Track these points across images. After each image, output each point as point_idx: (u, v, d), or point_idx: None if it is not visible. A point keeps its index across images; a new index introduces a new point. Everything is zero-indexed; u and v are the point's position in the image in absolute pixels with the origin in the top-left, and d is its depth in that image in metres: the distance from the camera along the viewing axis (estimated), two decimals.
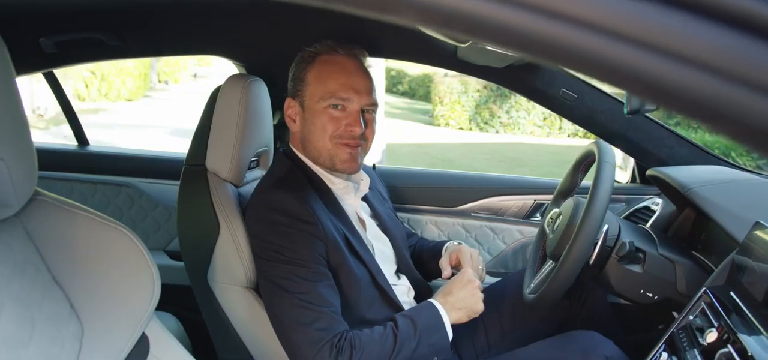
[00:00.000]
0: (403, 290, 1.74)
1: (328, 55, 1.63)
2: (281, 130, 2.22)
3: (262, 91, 1.79)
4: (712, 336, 1.27)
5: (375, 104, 1.65)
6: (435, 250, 1.90)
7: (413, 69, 20.49)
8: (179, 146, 2.48)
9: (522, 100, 13.68)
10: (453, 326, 1.56)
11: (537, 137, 13.71)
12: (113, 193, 2.59)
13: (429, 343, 1.51)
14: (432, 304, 1.56)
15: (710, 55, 0.41)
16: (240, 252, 1.63)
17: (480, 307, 1.58)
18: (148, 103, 15.71)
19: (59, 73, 2.57)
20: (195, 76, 22.95)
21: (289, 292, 1.46)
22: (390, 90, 19.99)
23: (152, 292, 1.14)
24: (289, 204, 1.52)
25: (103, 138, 9.45)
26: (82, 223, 1.10)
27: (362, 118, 1.61)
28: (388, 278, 1.66)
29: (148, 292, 1.14)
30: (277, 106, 2.03)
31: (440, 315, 1.54)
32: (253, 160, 1.87)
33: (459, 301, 1.56)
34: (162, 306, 2.22)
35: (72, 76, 14.05)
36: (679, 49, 0.41)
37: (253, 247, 1.61)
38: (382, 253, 1.73)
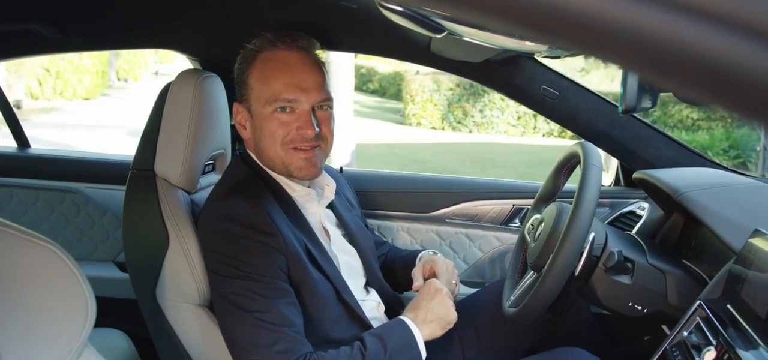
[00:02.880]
0: (373, 306, 1.65)
1: (269, 52, 1.52)
2: None
3: (217, 88, 1.69)
4: (710, 355, 1.22)
5: (328, 99, 1.55)
6: (408, 259, 1.82)
7: (384, 66, 20.49)
8: None
9: (496, 98, 13.76)
10: (427, 343, 1.48)
11: (511, 137, 13.78)
12: (57, 199, 2.46)
13: None
14: (402, 321, 1.49)
15: None
16: (192, 266, 1.54)
17: (453, 315, 1.51)
18: (106, 102, 15.49)
19: (11, 70, 2.43)
20: (156, 73, 22.67)
21: (246, 310, 1.37)
22: (360, 88, 19.94)
23: (85, 317, 1.02)
24: (246, 213, 1.43)
25: (57, 139, 9.24)
26: None
27: (315, 117, 1.50)
28: (355, 293, 1.57)
29: (79, 317, 1.01)
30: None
31: (412, 332, 1.47)
32: (208, 164, 1.77)
33: (429, 314, 1.49)
34: (111, 322, 2.14)
35: (24, 74, 13.74)
36: None
37: (206, 261, 1.51)
38: (349, 265, 1.64)
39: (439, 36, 1.44)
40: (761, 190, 1.70)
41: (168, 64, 24.05)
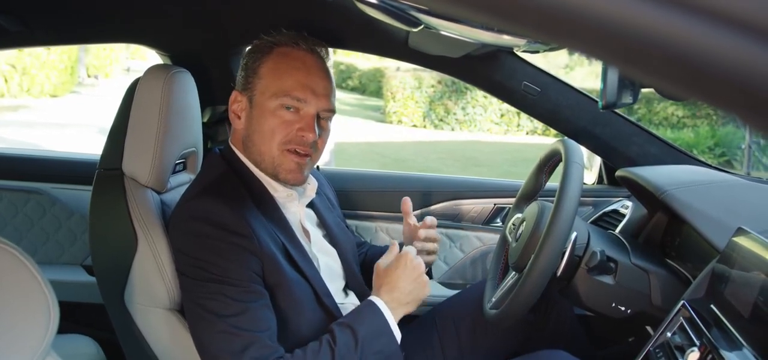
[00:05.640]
0: (351, 309, 1.63)
1: (288, 48, 1.52)
2: (212, 129, 2.10)
3: (187, 84, 1.67)
4: (694, 356, 1.23)
5: (332, 110, 1.55)
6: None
7: (364, 63, 20.48)
8: None
9: (478, 96, 13.81)
10: (406, 344, 1.47)
11: (494, 135, 13.83)
12: (21, 200, 2.42)
13: (374, 351, 1.41)
14: (373, 304, 1.46)
15: None
16: (162, 269, 1.52)
17: (428, 291, 1.50)
18: (75, 100, 15.29)
19: None
20: (128, 70, 22.38)
21: (218, 315, 1.35)
22: (339, 85, 19.91)
23: (47, 323, 1.00)
24: (219, 213, 1.41)
25: (24, 138, 9.12)
26: None
27: (317, 124, 1.51)
28: (334, 296, 1.56)
29: (41, 323, 0.99)
30: (207, 101, 1.91)
31: (384, 315, 1.44)
32: (179, 163, 1.75)
33: (406, 295, 1.47)
34: (80, 328, 2.11)
35: None
36: None
37: (176, 264, 1.49)
38: (329, 267, 1.62)
39: (415, 30, 1.44)
40: (745, 188, 1.72)
41: (140, 60, 23.77)
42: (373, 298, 1.48)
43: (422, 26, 1.39)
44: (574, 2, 0.31)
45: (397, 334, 1.45)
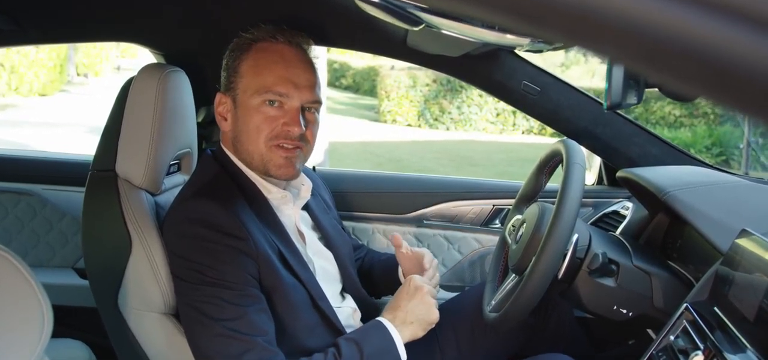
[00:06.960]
0: (348, 313, 1.64)
1: (266, 43, 1.52)
2: (207, 129, 2.09)
3: (182, 83, 1.66)
4: (698, 359, 1.21)
5: (318, 102, 1.54)
6: (387, 264, 1.81)
7: (358, 61, 20.47)
8: None
9: (474, 95, 13.82)
10: (407, 345, 1.47)
11: (490, 134, 13.84)
12: (12, 202, 2.40)
13: None
14: (380, 324, 1.47)
15: None
16: (156, 272, 1.51)
17: (435, 315, 1.50)
18: (64, 99, 15.27)
19: None
20: (118, 68, 22.35)
21: (214, 319, 1.35)
22: (332, 84, 19.91)
23: (41, 329, 0.99)
24: (215, 215, 1.40)
25: (12, 138, 9.09)
26: None
27: (303, 117, 1.49)
28: (331, 300, 1.56)
29: (35, 329, 0.99)
30: (202, 101, 1.90)
31: (391, 335, 1.45)
32: (173, 164, 1.74)
33: (410, 314, 1.48)
34: (71, 332, 2.09)
35: None
36: None
37: (172, 267, 1.48)
38: (325, 270, 1.62)
39: (416, 29, 1.44)
40: (747, 189, 1.72)
41: (131, 58, 23.75)
42: (379, 318, 1.50)
43: (423, 25, 1.38)
44: (603, 4, 0.31)
45: (403, 355, 1.45)
